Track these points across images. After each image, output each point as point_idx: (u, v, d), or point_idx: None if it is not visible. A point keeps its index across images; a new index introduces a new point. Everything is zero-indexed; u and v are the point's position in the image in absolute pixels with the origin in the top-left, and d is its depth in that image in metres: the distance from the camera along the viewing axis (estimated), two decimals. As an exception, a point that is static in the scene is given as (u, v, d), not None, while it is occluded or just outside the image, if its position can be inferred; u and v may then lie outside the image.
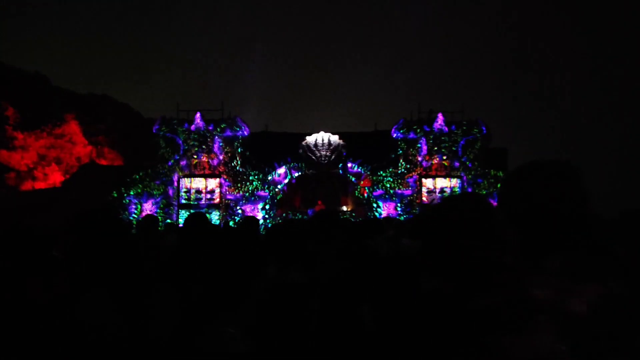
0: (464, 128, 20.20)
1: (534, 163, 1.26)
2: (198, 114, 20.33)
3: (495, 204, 1.34)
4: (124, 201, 18.94)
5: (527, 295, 1.05)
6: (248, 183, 19.90)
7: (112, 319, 1.79)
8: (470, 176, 19.86)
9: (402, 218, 17.01)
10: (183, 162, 20.08)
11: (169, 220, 16.97)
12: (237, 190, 19.83)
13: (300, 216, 18.64)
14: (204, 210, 18.86)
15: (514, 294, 1.09)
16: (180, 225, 7.91)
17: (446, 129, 20.11)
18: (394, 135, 20.73)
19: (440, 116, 20.41)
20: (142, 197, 19.13)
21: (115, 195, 18.83)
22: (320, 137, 20.44)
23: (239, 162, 20.38)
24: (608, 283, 1.01)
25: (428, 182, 20.27)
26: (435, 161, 20.28)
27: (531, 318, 1.01)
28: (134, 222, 15.67)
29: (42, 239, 2.16)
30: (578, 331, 0.96)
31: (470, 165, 19.99)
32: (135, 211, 18.89)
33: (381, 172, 20.26)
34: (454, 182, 20.29)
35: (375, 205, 19.60)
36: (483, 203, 1.39)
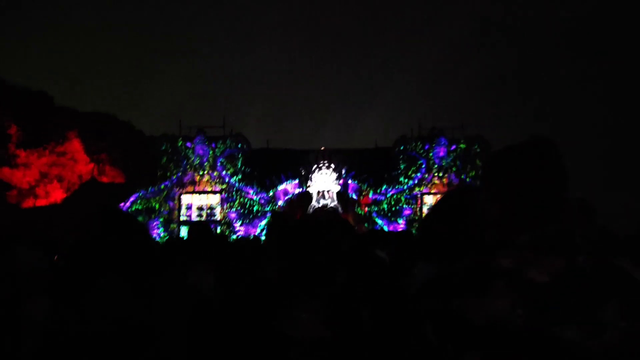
0: (465, 144, 20.27)
1: (515, 144, 1.30)
2: (200, 132, 20.44)
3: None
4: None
5: (491, 264, 1.09)
6: (249, 199, 19.93)
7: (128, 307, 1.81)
8: (471, 192, 19.87)
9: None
10: (184, 179, 20.14)
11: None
12: (238, 207, 19.85)
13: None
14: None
15: (479, 262, 1.13)
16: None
17: (443, 152, 20.16)
18: (395, 152, 20.79)
19: (440, 134, 20.49)
20: (144, 214, 19.15)
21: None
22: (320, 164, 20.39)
23: (240, 179, 20.44)
24: (571, 257, 1.04)
25: (429, 199, 20.29)
26: (436, 178, 20.32)
27: (491, 284, 1.04)
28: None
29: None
30: (536, 298, 0.99)
31: (470, 182, 20.01)
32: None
33: (382, 189, 20.29)
34: (455, 199, 20.29)
35: (375, 222, 19.60)
36: (467, 193, 1.43)
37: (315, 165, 20.18)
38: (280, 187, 20.33)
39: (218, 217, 19.92)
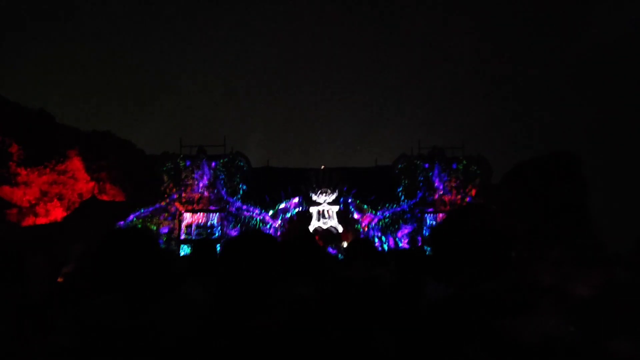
0: (465, 163, 20.33)
1: (534, 158, 1.29)
2: (200, 151, 20.50)
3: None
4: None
5: (532, 280, 1.08)
6: (248, 219, 19.92)
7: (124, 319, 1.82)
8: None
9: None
10: (185, 198, 20.14)
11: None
12: (238, 225, 19.83)
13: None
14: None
15: (519, 279, 1.11)
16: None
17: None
18: (395, 170, 20.83)
19: (440, 152, 20.57)
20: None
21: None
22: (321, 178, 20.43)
23: (240, 197, 20.44)
24: (611, 269, 1.05)
25: (429, 217, 20.27)
26: (436, 196, 20.33)
27: (537, 301, 1.04)
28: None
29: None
30: (585, 313, 0.98)
31: (470, 201, 20.01)
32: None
33: (382, 208, 20.28)
34: (455, 217, 20.26)
35: (376, 240, 19.56)
36: (485, 209, 1.43)
37: (316, 187, 20.18)
38: (281, 206, 20.31)
39: (218, 235, 19.88)
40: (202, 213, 20.29)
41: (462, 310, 1.17)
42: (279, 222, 20.27)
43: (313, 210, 20.25)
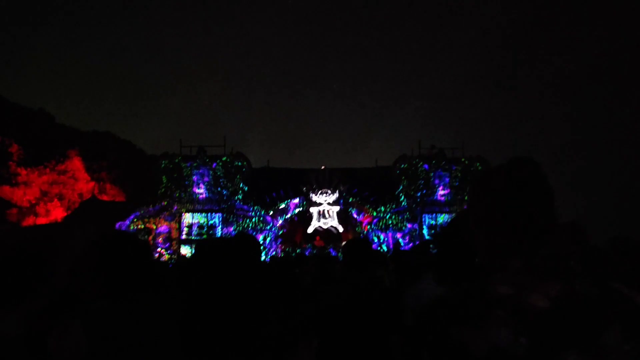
0: (464, 164, 20.33)
1: (497, 166, 1.29)
2: (201, 151, 20.50)
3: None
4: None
5: (487, 290, 1.07)
6: (248, 220, 19.93)
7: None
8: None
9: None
10: (185, 198, 20.15)
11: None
12: (238, 226, 19.84)
13: (299, 251, 18.60)
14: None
15: (473, 288, 1.11)
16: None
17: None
18: (395, 171, 20.84)
19: (440, 152, 20.60)
20: (143, 233, 19.13)
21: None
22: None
23: (240, 197, 20.45)
24: (571, 281, 1.04)
25: (429, 218, 20.28)
26: (435, 196, 20.33)
27: (490, 312, 1.02)
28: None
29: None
30: (538, 325, 0.98)
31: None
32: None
33: (382, 208, 20.28)
34: (455, 218, 20.27)
35: (375, 240, 19.57)
36: (465, 216, 1.46)
37: (316, 187, 20.17)
38: (282, 206, 20.31)
39: (219, 235, 19.87)
40: (202, 213, 20.29)
41: (427, 318, 1.17)
42: (280, 222, 20.28)
43: (313, 210, 20.26)
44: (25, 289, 2.14)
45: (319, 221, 20.06)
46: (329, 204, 20.17)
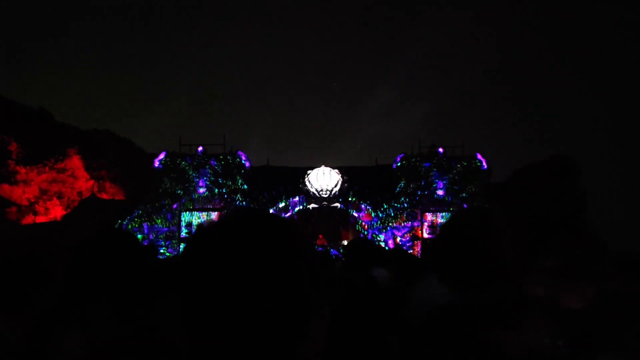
0: (464, 163, 20.32)
1: (535, 164, 1.27)
2: (200, 148, 20.49)
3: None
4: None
5: (522, 293, 1.05)
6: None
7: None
8: (471, 210, 19.84)
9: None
10: (184, 196, 20.12)
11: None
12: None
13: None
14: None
15: (509, 291, 1.09)
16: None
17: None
18: (395, 169, 20.82)
19: (440, 150, 20.58)
20: (144, 231, 19.11)
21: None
22: (321, 172, 20.52)
23: (240, 196, 20.43)
24: (605, 281, 1.02)
25: (429, 216, 20.26)
26: (436, 195, 20.32)
27: (527, 315, 1.01)
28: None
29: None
30: (575, 327, 0.96)
31: (470, 199, 20.00)
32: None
33: (382, 206, 20.27)
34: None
35: (376, 239, 19.55)
36: (480, 213, 1.42)
37: (316, 185, 20.12)
38: (282, 205, 20.28)
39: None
40: (201, 212, 20.27)
41: (455, 317, 1.14)
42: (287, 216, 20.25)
43: (313, 209, 20.24)
44: (25, 291, 2.10)
45: (318, 220, 20.02)
46: (328, 202, 20.13)
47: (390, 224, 19.88)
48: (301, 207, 20.42)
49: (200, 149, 20.51)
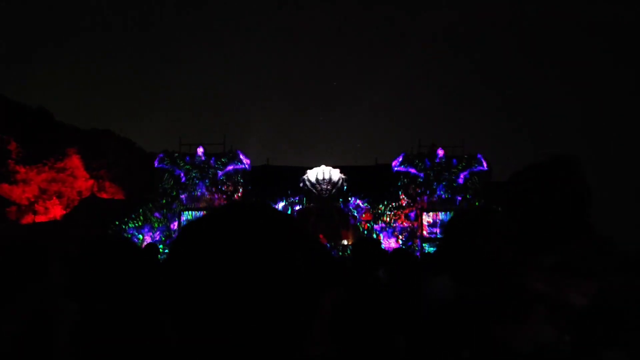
0: (464, 162, 20.32)
1: (539, 162, 1.28)
2: (200, 148, 20.49)
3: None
4: (124, 234, 18.90)
5: (526, 288, 1.06)
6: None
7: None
8: (471, 210, 19.84)
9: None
10: (184, 196, 20.12)
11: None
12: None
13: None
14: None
15: (513, 285, 1.10)
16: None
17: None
18: (395, 169, 20.81)
19: (440, 151, 20.57)
20: (143, 230, 19.10)
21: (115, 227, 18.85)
22: (321, 171, 20.52)
23: (240, 196, 20.42)
24: (607, 278, 1.03)
25: (428, 216, 20.25)
26: (435, 195, 20.31)
27: (532, 309, 1.02)
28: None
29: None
30: (580, 323, 0.97)
31: (470, 199, 20.00)
32: (137, 243, 18.86)
33: (382, 206, 20.26)
34: (455, 216, 20.24)
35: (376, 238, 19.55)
36: (484, 210, 1.42)
37: (316, 185, 20.12)
38: (282, 204, 20.26)
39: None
40: (201, 212, 20.26)
41: (463, 314, 1.15)
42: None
43: (313, 208, 20.23)
44: (21, 287, 2.09)
45: (318, 219, 20.00)
46: (328, 201, 20.12)
47: (390, 224, 19.87)
48: (301, 206, 20.41)
49: (200, 148, 20.50)
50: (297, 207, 20.43)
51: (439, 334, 1.28)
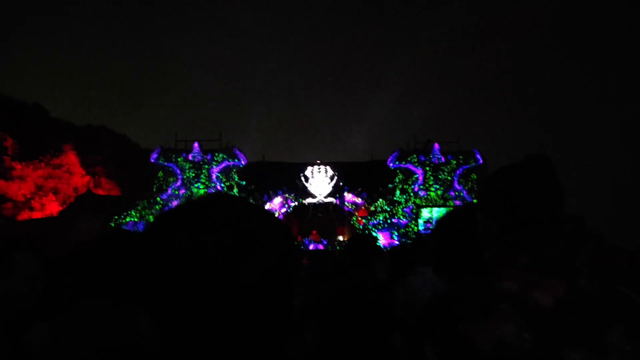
0: (460, 158, 20.35)
1: (512, 163, 1.31)
2: (196, 144, 20.47)
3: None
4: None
5: (493, 285, 1.09)
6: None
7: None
8: (466, 206, 19.88)
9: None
10: (181, 192, 20.11)
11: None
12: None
13: (297, 244, 18.53)
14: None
15: (480, 283, 1.12)
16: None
17: (443, 158, 20.29)
18: (391, 165, 20.83)
19: (436, 145, 20.60)
20: (139, 226, 19.10)
21: (112, 224, 18.84)
22: (316, 169, 20.53)
23: (236, 192, 20.43)
24: (575, 281, 1.06)
25: (424, 212, 20.28)
26: (431, 191, 20.34)
27: (496, 307, 1.03)
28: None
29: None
30: (542, 322, 0.99)
31: (465, 195, 20.05)
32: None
33: (377, 202, 20.28)
34: (451, 212, 20.28)
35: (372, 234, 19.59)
36: (468, 210, 1.46)
37: (312, 181, 20.14)
38: (276, 201, 20.27)
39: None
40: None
41: (435, 310, 1.17)
42: (276, 215, 20.24)
43: (308, 204, 20.25)
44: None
45: (314, 215, 20.04)
46: (324, 197, 20.14)
47: (385, 220, 19.90)
48: (296, 202, 20.43)
49: (195, 144, 20.49)
50: (293, 204, 20.45)
51: (415, 330, 1.31)
